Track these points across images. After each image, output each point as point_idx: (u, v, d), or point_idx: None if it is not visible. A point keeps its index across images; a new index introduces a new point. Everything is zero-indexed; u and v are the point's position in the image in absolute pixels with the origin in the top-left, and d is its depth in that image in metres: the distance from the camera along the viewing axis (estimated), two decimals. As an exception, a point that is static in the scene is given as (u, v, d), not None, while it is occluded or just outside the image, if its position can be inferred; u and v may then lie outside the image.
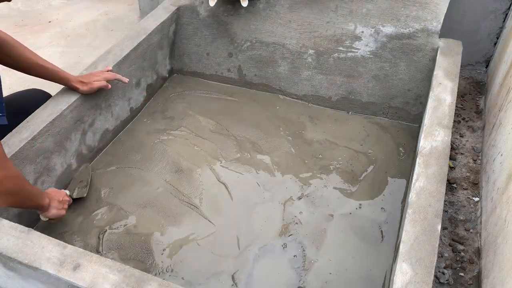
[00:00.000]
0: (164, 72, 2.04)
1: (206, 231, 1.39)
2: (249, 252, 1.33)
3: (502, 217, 1.20)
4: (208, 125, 1.82)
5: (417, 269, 0.94)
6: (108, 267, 0.94)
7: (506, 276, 1.04)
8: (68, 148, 1.48)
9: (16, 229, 1.02)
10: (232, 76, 2.04)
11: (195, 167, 1.61)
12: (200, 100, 1.96)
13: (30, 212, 1.37)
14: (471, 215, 1.48)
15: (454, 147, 1.73)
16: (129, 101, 1.78)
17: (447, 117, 1.33)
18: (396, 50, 1.68)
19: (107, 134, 1.68)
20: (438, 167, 1.17)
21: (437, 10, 1.55)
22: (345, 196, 1.50)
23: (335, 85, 1.85)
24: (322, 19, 1.72)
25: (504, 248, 1.12)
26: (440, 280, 1.29)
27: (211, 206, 1.47)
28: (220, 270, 1.28)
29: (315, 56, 1.82)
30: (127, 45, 1.71)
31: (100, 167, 1.62)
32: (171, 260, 1.31)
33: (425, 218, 1.04)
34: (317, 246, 1.34)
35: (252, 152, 1.68)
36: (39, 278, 0.99)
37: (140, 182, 1.56)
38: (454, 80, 1.47)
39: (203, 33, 1.98)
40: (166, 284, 0.91)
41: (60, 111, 1.40)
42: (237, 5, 1.82)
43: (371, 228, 1.39)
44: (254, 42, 1.90)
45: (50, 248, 0.98)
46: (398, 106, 1.81)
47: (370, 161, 1.63)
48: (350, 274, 1.27)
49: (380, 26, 1.65)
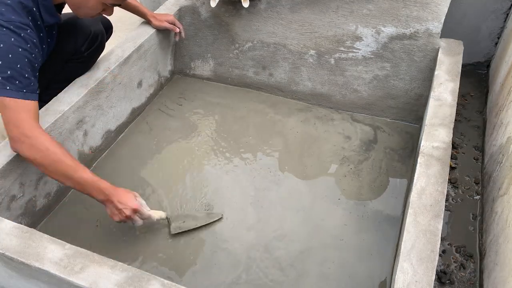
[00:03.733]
0: (166, 73, 2.04)
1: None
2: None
3: (503, 217, 1.20)
4: (209, 126, 1.82)
5: (418, 269, 0.94)
6: (110, 267, 0.94)
7: (507, 276, 1.04)
8: (70, 148, 1.48)
9: (18, 229, 1.03)
10: (233, 76, 2.04)
11: (195, 167, 1.62)
12: (201, 101, 1.97)
13: (32, 212, 1.37)
14: (472, 214, 1.47)
15: (455, 146, 1.72)
16: (131, 102, 1.79)
17: (448, 117, 1.33)
18: (397, 50, 1.68)
19: (109, 135, 1.69)
20: (439, 167, 1.17)
21: (438, 10, 1.55)
22: (346, 196, 1.50)
23: (336, 86, 1.85)
24: (323, 20, 1.72)
25: (505, 248, 1.12)
26: (441, 280, 1.29)
27: (211, 205, 1.47)
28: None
29: (316, 56, 1.82)
30: (128, 46, 1.71)
31: (102, 167, 1.62)
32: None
33: (426, 218, 1.04)
34: (317, 246, 1.34)
35: (252, 152, 1.68)
36: (41, 278, 1.00)
37: (140, 182, 1.56)
38: (455, 80, 1.47)
39: (204, 34, 1.98)
40: (169, 284, 0.91)
41: (62, 112, 1.41)
42: (238, 6, 1.82)
43: (372, 227, 1.39)
44: (255, 42, 1.90)
45: (52, 248, 0.98)
46: (399, 106, 1.81)
47: (371, 161, 1.63)
48: (350, 274, 1.27)
49: (381, 26, 1.65)
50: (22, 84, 1.14)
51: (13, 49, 1.12)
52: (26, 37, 1.15)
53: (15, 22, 1.14)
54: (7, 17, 1.13)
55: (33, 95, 1.17)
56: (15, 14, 1.15)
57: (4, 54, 1.11)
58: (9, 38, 1.12)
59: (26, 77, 1.15)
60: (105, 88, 1.59)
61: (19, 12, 1.16)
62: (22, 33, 1.14)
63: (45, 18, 1.27)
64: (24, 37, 1.15)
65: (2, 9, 1.13)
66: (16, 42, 1.13)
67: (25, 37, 1.15)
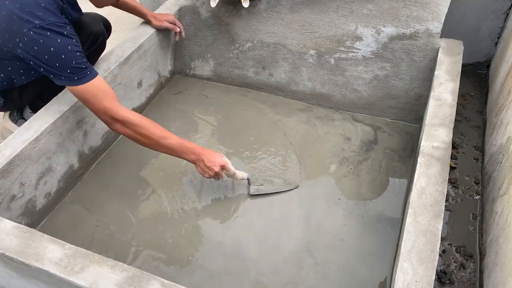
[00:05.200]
0: (166, 73, 2.04)
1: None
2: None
3: (503, 217, 1.20)
4: (209, 126, 1.82)
5: (418, 269, 0.94)
6: (110, 267, 0.94)
7: (507, 276, 1.04)
8: (70, 148, 1.49)
9: (18, 229, 1.03)
10: (233, 76, 2.04)
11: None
12: (201, 101, 1.97)
13: (32, 212, 1.37)
14: (472, 214, 1.47)
15: (455, 146, 1.72)
16: (131, 102, 1.79)
17: (448, 117, 1.33)
18: (397, 50, 1.68)
19: (109, 135, 1.69)
20: (439, 167, 1.17)
21: (438, 10, 1.55)
22: (346, 196, 1.50)
23: (336, 86, 1.86)
24: (323, 20, 1.72)
25: (505, 248, 1.12)
26: (441, 280, 1.29)
27: (211, 206, 1.47)
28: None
29: (316, 56, 1.82)
30: (128, 46, 1.71)
31: (102, 167, 1.62)
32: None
33: (426, 218, 1.04)
34: (317, 246, 1.34)
35: (252, 152, 1.68)
36: (41, 278, 1.00)
37: (141, 182, 1.56)
38: (455, 80, 1.47)
39: (204, 34, 1.98)
40: (169, 284, 0.91)
41: (62, 112, 1.41)
42: (238, 6, 1.82)
43: (372, 227, 1.39)
44: (255, 42, 1.90)
45: (52, 248, 0.98)
46: (399, 106, 1.81)
47: (371, 161, 1.63)
48: (350, 274, 1.27)
49: (381, 26, 1.65)
50: (82, 71, 1.26)
51: (63, 49, 1.21)
52: (69, 33, 1.24)
53: (56, 23, 1.21)
54: (47, 20, 1.19)
55: (94, 73, 1.29)
56: (53, 15, 1.21)
57: (58, 57, 1.20)
58: (56, 40, 1.19)
59: (82, 67, 1.25)
60: (105, 88, 1.59)
61: (55, 13, 1.23)
62: (65, 32, 1.22)
63: (72, 14, 1.36)
64: (67, 35, 1.23)
65: (39, 13, 1.18)
66: (63, 41, 1.21)
67: (68, 33, 1.23)
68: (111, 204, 1.49)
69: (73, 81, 1.25)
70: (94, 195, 1.52)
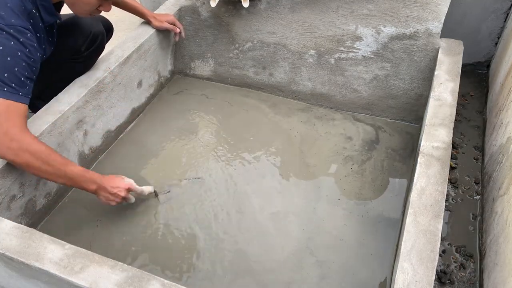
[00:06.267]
0: (166, 73, 2.04)
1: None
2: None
3: (503, 217, 1.20)
4: (209, 126, 1.82)
5: (418, 269, 0.94)
6: (110, 267, 0.94)
7: (507, 276, 1.04)
8: (70, 148, 1.48)
9: (18, 229, 1.03)
10: (233, 76, 2.04)
11: (195, 167, 1.62)
12: (201, 101, 1.97)
13: (32, 212, 1.37)
14: (472, 214, 1.47)
15: (455, 146, 1.73)
16: (131, 102, 1.79)
17: (448, 117, 1.33)
18: (397, 50, 1.68)
19: (109, 135, 1.69)
20: (439, 167, 1.17)
21: (438, 10, 1.55)
22: (346, 196, 1.50)
23: (336, 85, 1.86)
24: (323, 20, 1.72)
25: (505, 248, 1.12)
26: (441, 280, 1.29)
27: (210, 204, 1.48)
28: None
29: (316, 56, 1.82)
30: (128, 46, 1.71)
31: (102, 167, 1.62)
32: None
33: (426, 218, 1.04)
34: (317, 246, 1.34)
35: (252, 152, 1.68)
36: (41, 278, 1.00)
37: (140, 182, 1.56)
38: (455, 80, 1.47)
39: (204, 34, 1.98)
40: (169, 284, 0.91)
41: (62, 112, 1.41)
42: (238, 6, 1.82)
43: (372, 227, 1.39)
44: (255, 42, 1.90)
45: (52, 248, 0.98)
46: (399, 106, 1.81)
47: (371, 161, 1.63)
48: (350, 274, 1.27)
49: (381, 26, 1.65)
50: (17, 87, 1.15)
51: (12, 52, 1.13)
52: (26, 42, 1.16)
53: (16, 26, 1.15)
54: (7, 21, 1.13)
55: (26, 99, 1.18)
56: (16, 17, 1.15)
57: (4, 58, 1.13)
58: (9, 41, 1.13)
59: (22, 80, 1.16)
60: (105, 88, 1.59)
61: (19, 15, 1.16)
62: (21, 38, 1.15)
63: (45, 18, 1.28)
64: (23, 42, 1.15)
65: (2, 13, 1.14)
66: (15, 46, 1.14)
67: (25, 42, 1.16)
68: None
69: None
70: (94, 195, 1.51)
